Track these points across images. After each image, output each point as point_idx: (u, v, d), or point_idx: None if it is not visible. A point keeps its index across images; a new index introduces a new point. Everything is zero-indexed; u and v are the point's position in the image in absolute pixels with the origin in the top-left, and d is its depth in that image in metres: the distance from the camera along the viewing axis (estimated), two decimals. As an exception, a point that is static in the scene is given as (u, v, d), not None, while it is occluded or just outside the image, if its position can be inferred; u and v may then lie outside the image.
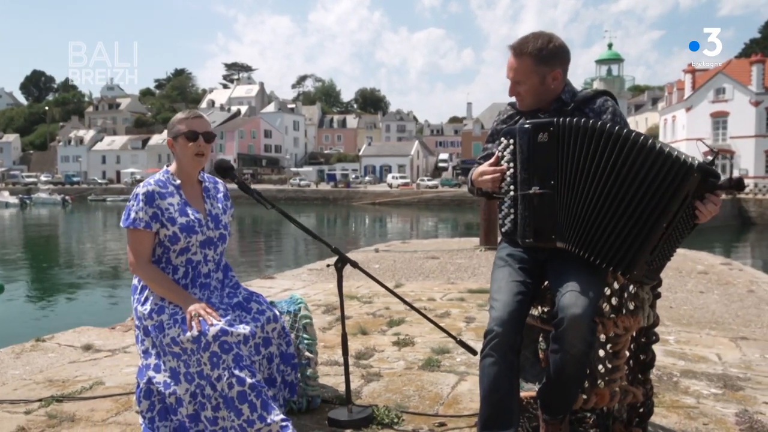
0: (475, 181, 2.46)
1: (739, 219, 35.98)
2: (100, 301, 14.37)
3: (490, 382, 2.13)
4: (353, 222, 41.40)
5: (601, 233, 2.13)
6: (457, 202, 54.29)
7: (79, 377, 3.47)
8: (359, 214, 46.68)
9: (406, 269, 7.93)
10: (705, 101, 49.00)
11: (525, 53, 2.33)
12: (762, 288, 6.88)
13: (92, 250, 26.14)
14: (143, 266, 2.54)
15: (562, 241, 2.20)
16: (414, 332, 4.37)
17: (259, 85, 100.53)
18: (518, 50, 2.35)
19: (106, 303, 14.12)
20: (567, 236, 2.19)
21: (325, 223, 40.98)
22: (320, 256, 13.07)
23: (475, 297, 5.76)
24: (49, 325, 10.57)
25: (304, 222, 15.82)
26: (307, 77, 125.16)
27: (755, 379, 3.53)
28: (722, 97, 48.32)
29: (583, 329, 2.05)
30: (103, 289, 16.01)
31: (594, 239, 2.14)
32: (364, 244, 25.42)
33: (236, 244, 26.83)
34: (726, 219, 34.64)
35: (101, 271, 19.78)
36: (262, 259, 22.36)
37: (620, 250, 2.11)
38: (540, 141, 2.21)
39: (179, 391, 2.41)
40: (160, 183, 2.60)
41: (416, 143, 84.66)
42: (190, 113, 2.64)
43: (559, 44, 2.34)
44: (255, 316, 2.60)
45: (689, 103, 50.01)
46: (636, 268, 2.10)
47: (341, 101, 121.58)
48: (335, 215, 47.39)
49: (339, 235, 32.17)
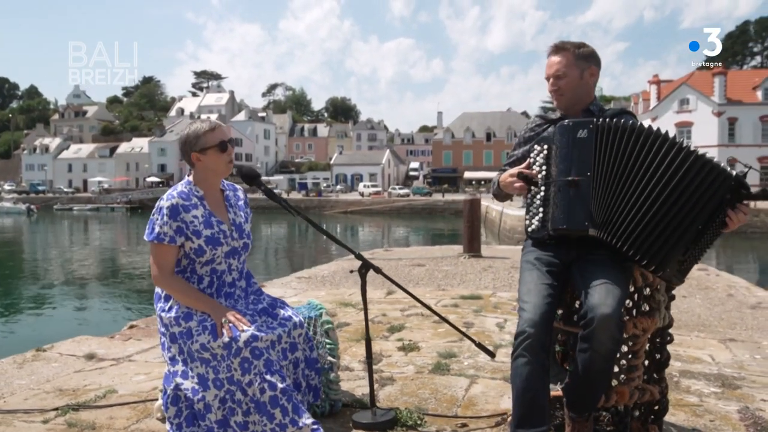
0: (503, 183, 2.56)
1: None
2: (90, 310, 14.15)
3: (523, 381, 2.21)
4: (326, 230, 41.29)
5: (635, 226, 2.23)
6: (428, 210, 54.60)
7: (89, 386, 3.45)
8: (331, 222, 46.48)
9: (395, 276, 7.97)
10: (670, 111, 50.30)
11: (565, 49, 2.50)
12: (740, 292, 7.11)
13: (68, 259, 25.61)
14: (167, 278, 2.55)
15: (595, 228, 2.28)
16: (416, 337, 4.44)
17: (229, 93, 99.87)
18: (559, 47, 2.52)
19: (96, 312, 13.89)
20: (600, 225, 2.28)
21: (296, 232, 40.66)
22: (300, 266, 13.03)
23: (469, 303, 5.85)
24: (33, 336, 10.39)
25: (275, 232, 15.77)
26: (277, 85, 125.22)
27: (749, 378, 3.68)
28: (686, 107, 49.66)
29: (613, 328, 2.14)
30: (80, 300, 15.73)
31: (628, 231, 2.24)
32: (337, 253, 25.31)
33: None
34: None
35: (79, 280, 19.41)
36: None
37: (654, 245, 2.21)
38: (579, 137, 2.32)
39: (208, 396, 2.43)
40: (183, 195, 2.59)
41: (387, 152, 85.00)
42: (212, 123, 2.64)
43: (593, 49, 2.52)
44: (281, 321, 2.64)
45: (655, 113, 51.24)
46: (669, 265, 2.21)
47: (312, 110, 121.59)
48: (307, 224, 47.10)
49: (311, 245, 31.94)
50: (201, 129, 2.60)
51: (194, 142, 2.60)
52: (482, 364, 3.78)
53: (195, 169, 2.66)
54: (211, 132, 2.60)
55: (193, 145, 2.60)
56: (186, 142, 2.61)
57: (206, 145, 2.59)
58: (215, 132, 2.61)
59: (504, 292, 6.62)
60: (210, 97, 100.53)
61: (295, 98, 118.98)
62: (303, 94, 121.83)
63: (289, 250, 30.78)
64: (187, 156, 2.64)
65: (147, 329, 4.92)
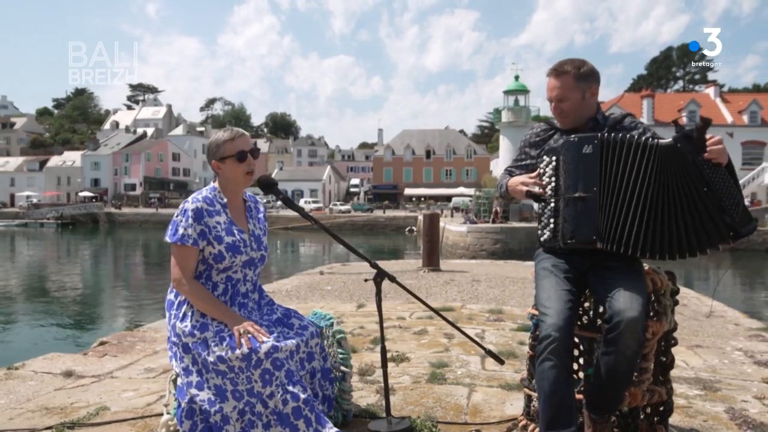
0: (512, 189, 2.65)
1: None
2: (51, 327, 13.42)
3: (550, 384, 2.27)
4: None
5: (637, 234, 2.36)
6: (369, 227, 54.64)
7: (77, 404, 3.32)
8: (272, 238, 45.28)
9: (361, 290, 8.00)
10: (603, 131, 52.15)
11: (566, 72, 2.57)
12: (692, 302, 7.46)
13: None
14: (189, 282, 2.51)
15: (602, 242, 2.38)
16: (402, 348, 4.46)
17: (166, 107, 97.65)
18: (559, 71, 2.58)
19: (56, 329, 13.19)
20: (607, 238, 2.38)
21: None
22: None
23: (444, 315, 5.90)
24: None
25: None
26: (216, 100, 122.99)
27: (725, 381, 3.87)
28: (618, 127, 51.62)
29: (639, 330, 2.23)
30: (38, 316, 14.95)
31: (633, 240, 2.36)
32: (277, 270, 24.93)
33: (146, 274, 25.87)
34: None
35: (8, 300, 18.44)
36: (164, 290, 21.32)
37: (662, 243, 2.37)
38: (585, 152, 2.42)
39: (226, 408, 2.39)
40: (207, 200, 2.59)
41: (328, 168, 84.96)
42: (233, 132, 2.65)
43: (592, 66, 2.61)
44: (298, 331, 2.62)
45: (587, 132, 53.04)
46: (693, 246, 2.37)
47: (251, 125, 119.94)
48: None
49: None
50: (222, 138, 2.62)
51: (215, 150, 2.62)
52: (475, 372, 3.83)
53: (218, 177, 2.67)
54: (230, 141, 2.61)
55: (214, 154, 2.63)
56: (209, 150, 2.66)
57: (225, 154, 2.60)
58: (235, 142, 2.62)
59: (472, 304, 6.72)
60: (146, 111, 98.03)
61: (235, 113, 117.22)
62: (242, 109, 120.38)
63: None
64: (210, 163, 2.67)
65: (120, 345, 4.75)
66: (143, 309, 14.50)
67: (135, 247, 39.54)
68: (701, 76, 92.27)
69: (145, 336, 5.12)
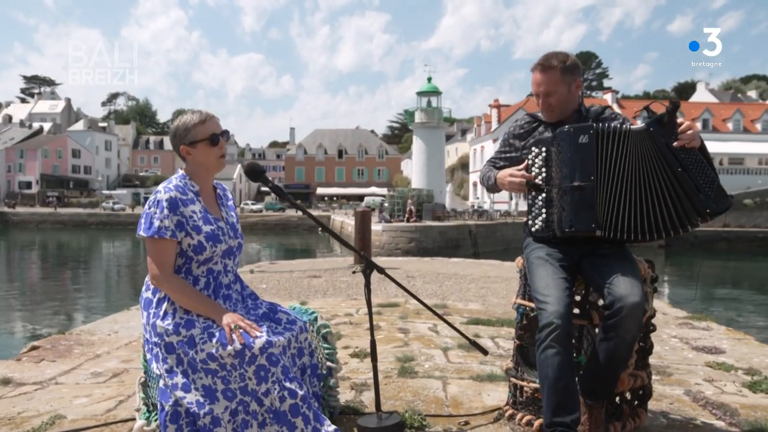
0: (501, 181, 2.67)
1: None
2: None
3: (555, 371, 2.28)
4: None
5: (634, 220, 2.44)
6: (281, 226, 54.04)
7: (25, 413, 3.04)
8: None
9: (297, 288, 7.84)
10: (510, 133, 54.01)
11: (552, 67, 2.60)
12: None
13: None
14: (169, 278, 2.34)
15: (600, 229, 2.44)
16: (361, 344, 4.39)
17: (65, 101, 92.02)
18: (545, 65, 2.61)
19: None
20: (605, 226, 2.44)
21: (141, 249, 38.03)
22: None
23: (390, 310, 5.89)
24: None
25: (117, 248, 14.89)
26: (119, 95, 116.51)
27: (673, 366, 4.06)
28: (524, 130, 53.60)
29: (639, 315, 2.29)
30: None
31: (631, 226, 2.44)
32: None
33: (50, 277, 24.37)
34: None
35: None
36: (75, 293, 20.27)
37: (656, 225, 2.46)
38: (581, 142, 2.46)
39: (216, 409, 2.24)
40: (179, 189, 2.42)
41: (239, 167, 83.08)
42: (203, 115, 2.47)
43: (575, 58, 2.66)
44: (287, 326, 2.51)
45: (496, 134, 54.94)
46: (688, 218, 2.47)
47: (157, 122, 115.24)
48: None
49: None
50: (191, 121, 2.45)
51: (183, 134, 2.44)
52: (443, 365, 3.83)
53: (186, 163, 2.51)
54: (201, 124, 2.45)
55: (183, 138, 2.45)
56: (175, 134, 2.46)
57: (196, 138, 2.43)
58: (206, 124, 2.45)
59: (415, 299, 6.72)
60: (43, 104, 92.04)
61: (139, 109, 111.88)
62: (147, 105, 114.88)
63: (135, 269, 28.48)
64: (177, 149, 2.48)
65: (55, 349, 4.41)
66: (61, 311, 13.52)
67: (33, 249, 37.00)
68: (598, 82, 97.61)
69: (80, 339, 4.78)
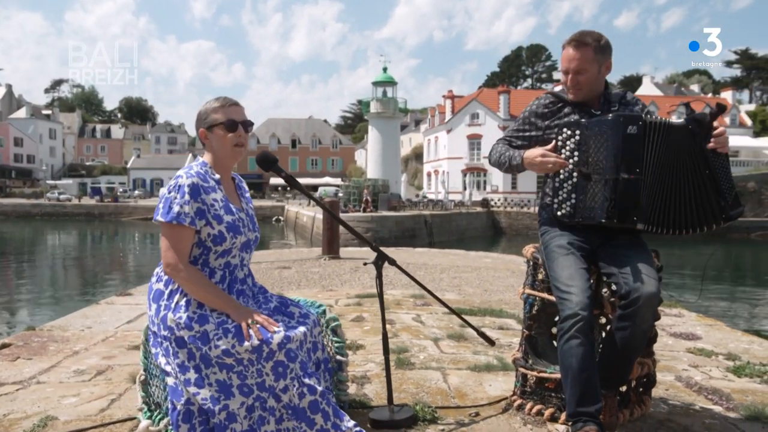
0: (530, 161, 2.59)
1: (492, 229, 40.65)
2: None
3: (579, 362, 2.28)
4: (122, 239, 37.62)
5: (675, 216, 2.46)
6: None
7: (12, 415, 2.88)
8: (129, 230, 42.89)
9: (269, 279, 7.70)
10: (462, 124, 54.55)
11: (587, 44, 2.55)
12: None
13: None
14: (186, 268, 2.25)
15: (643, 223, 2.44)
16: (350, 336, 4.33)
17: (6, 87, 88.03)
18: (580, 42, 2.56)
19: None
20: (648, 220, 2.44)
21: (89, 240, 36.79)
22: (108, 281, 11.88)
23: (370, 301, 5.84)
24: None
25: (64, 240, 14.41)
26: (63, 81, 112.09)
27: (658, 353, 4.06)
28: (477, 121, 54.20)
29: (655, 305, 2.32)
30: None
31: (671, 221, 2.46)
32: (135, 263, 23.43)
33: None
34: (483, 229, 39.04)
35: None
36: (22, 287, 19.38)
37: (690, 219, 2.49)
38: (629, 132, 2.42)
39: (232, 405, 2.17)
40: (200, 176, 2.32)
41: (189, 156, 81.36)
42: (225, 100, 2.40)
43: (608, 39, 2.61)
44: (300, 320, 2.45)
45: (449, 125, 55.29)
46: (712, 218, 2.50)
47: (104, 110, 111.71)
48: (101, 232, 42.87)
49: (107, 254, 28.80)
50: (212, 105, 2.39)
51: (204, 116, 2.39)
52: (437, 356, 3.82)
53: (206, 149, 2.43)
54: (221, 108, 2.37)
55: (202, 121, 2.39)
56: (198, 118, 2.41)
57: (214, 122, 2.36)
58: (226, 109, 2.38)
59: (391, 290, 6.70)
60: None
61: (85, 96, 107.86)
62: (93, 93, 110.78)
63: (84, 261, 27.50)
64: (197, 132, 2.42)
65: (29, 347, 4.21)
66: (13, 307, 12.97)
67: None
68: (547, 75, 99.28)
69: (53, 335, 4.58)
